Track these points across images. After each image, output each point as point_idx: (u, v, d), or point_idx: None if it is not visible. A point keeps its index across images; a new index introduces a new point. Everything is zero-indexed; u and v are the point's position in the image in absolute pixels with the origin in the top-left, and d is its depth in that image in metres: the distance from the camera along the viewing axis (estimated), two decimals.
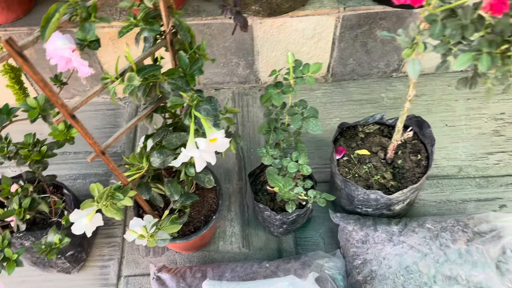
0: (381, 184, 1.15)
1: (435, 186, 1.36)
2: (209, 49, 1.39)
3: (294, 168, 1.06)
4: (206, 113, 0.83)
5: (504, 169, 1.38)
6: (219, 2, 1.30)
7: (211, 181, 1.00)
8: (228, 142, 0.82)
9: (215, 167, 1.42)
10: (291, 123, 1.07)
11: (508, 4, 0.49)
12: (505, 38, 0.54)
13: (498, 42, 0.55)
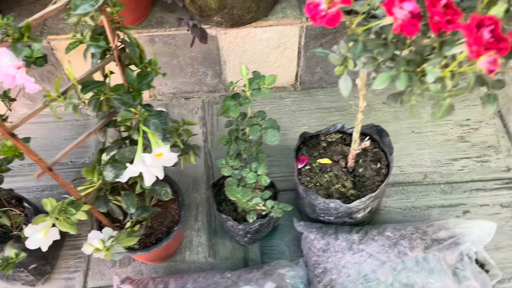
0: (342, 193, 1.16)
1: (401, 193, 1.38)
2: (175, 59, 1.40)
3: (253, 178, 1.07)
4: (155, 127, 0.84)
5: (468, 175, 1.40)
6: (183, 13, 1.31)
7: (168, 193, 1.00)
8: (175, 156, 0.83)
9: (183, 176, 1.43)
10: (250, 134, 1.08)
11: (418, 26, 0.50)
12: (424, 57, 0.56)
13: (417, 61, 0.56)
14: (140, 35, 1.30)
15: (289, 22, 1.31)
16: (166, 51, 1.37)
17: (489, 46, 0.45)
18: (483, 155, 1.44)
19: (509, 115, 1.51)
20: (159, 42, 1.33)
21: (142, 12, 1.26)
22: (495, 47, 0.45)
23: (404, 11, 0.50)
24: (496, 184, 1.38)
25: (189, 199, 1.38)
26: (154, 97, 1.56)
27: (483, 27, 0.46)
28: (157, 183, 1.01)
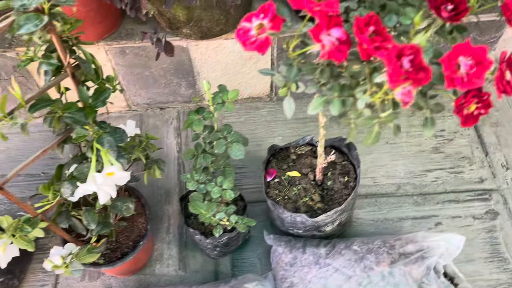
0: (309, 206, 1.15)
1: (373, 205, 1.37)
2: (147, 71, 1.40)
3: (218, 193, 1.06)
4: (109, 145, 0.83)
5: (441, 186, 1.39)
6: (154, 24, 1.30)
7: (130, 209, 1.00)
8: (127, 175, 0.82)
9: (156, 187, 1.42)
10: (215, 148, 1.08)
11: (346, 53, 0.50)
12: (359, 82, 0.55)
13: (352, 86, 0.55)
14: (110, 47, 1.29)
15: None
16: (137, 63, 1.36)
17: (409, 75, 0.45)
18: (457, 166, 1.44)
19: (484, 126, 1.51)
20: (130, 53, 1.32)
21: (111, 24, 1.25)
22: (413, 77, 0.44)
23: (331, 38, 0.50)
24: (468, 195, 1.37)
25: (161, 211, 1.38)
26: (129, 107, 1.55)
27: (403, 57, 0.45)
28: (119, 199, 1.00)
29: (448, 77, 0.51)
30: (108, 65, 1.36)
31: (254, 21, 0.53)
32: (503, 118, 1.52)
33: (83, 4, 1.10)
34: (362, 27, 0.50)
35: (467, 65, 0.50)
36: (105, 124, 0.85)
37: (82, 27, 1.19)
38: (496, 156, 1.44)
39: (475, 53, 0.50)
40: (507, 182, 1.39)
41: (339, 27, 0.50)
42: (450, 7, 0.52)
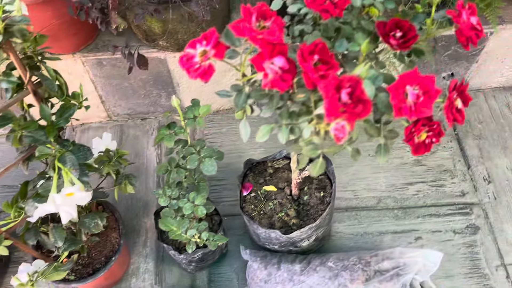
0: (284, 222, 1.14)
1: (354, 218, 1.36)
2: (126, 82, 1.39)
3: (189, 209, 1.05)
4: (71, 164, 0.82)
5: (422, 200, 1.38)
6: (131, 36, 1.29)
7: (98, 226, 0.98)
8: (88, 195, 0.81)
9: (135, 199, 1.40)
10: (188, 164, 1.07)
11: (289, 81, 0.49)
12: (309, 109, 0.54)
13: (302, 113, 0.54)
14: (87, 58, 1.28)
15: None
16: (116, 74, 1.35)
17: (347, 109, 0.43)
18: (439, 179, 1.42)
19: (467, 138, 1.49)
20: (107, 65, 1.31)
21: (87, 36, 1.24)
22: (351, 111, 0.43)
23: (274, 67, 0.49)
24: (449, 209, 1.36)
25: (139, 224, 1.36)
26: (109, 118, 1.54)
27: (342, 89, 0.44)
28: (88, 215, 0.99)
29: (396, 106, 0.49)
30: (86, 76, 1.35)
31: (198, 48, 0.51)
32: (486, 131, 1.51)
33: (56, 16, 1.09)
34: (306, 56, 0.48)
35: (414, 94, 0.49)
36: (68, 142, 0.84)
37: (56, 39, 1.18)
38: (478, 169, 1.43)
39: (423, 82, 0.49)
40: (488, 196, 1.37)
41: (282, 55, 0.49)
42: (399, 34, 0.51)
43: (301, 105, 0.54)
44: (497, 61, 1.47)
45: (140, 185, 1.42)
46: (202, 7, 0.92)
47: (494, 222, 1.32)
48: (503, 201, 1.36)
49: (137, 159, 1.48)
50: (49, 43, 1.22)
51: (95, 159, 1.03)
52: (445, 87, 1.57)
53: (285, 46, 0.50)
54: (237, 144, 1.52)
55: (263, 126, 0.54)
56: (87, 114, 1.51)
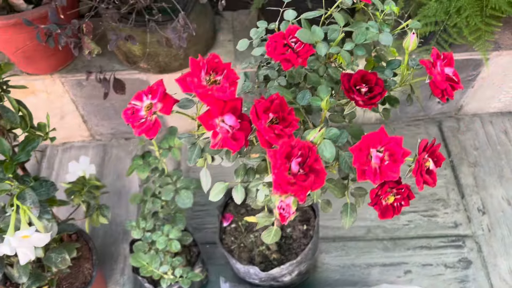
0: (265, 256, 1.09)
1: (341, 249, 1.30)
2: (107, 102, 1.34)
3: (163, 244, 1.00)
4: (32, 201, 0.77)
5: (413, 231, 1.33)
6: (111, 57, 1.25)
7: (65, 261, 0.93)
8: (47, 237, 0.76)
9: (114, 225, 1.36)
10: (163, 195, 1.02)
11: (242, 140, 0.44)
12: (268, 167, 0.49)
13: (261, 169, 0.49)
14: (66, 79, 1.24)
15: None
16: (96, 94, 1.31)
17: (297, 180, 0.38)
18: (431, 209, 1.37)
19: (462, 166, 1.44)
20: (87, 86, 1.27)
21: (65, 57, 1.20)
22: (300, 183, 0.38)
23: (224, 125, 0.44)
24: (441, 241, 1.30)
25: (117, 251, 1.31)
26: (92, 137, 1.50)
27: (293, 157, 0.39)
28: (54, 249, 0.94)
29: (359, 169, 0.44)
30: (66, 96, 1.31)
31: (144, 101, 0.47)
32: (482, 158, 1.45)
33: (31, 38, 1.05)
34: (260, 113, 0.44)
35: (379, 157, 0.44)
36: (29, 177, 0.79)
37: (32, 60, 1.14)
38: (473, 199, 1.37)
39: (389, 144, 0.44)
40: (482, 228, 1.32)
41: (234, 113, 0.44)
42: (364, 90, 0.46)
43: (261, 161, 0.49)
44: (494, 87, 1.41)
45: (120, 209, 1.38)
46: (178, 34, 0.87)
47: (487, 256, 1.27)
48: (498, 234, 1.31)
49: (119, 181, 1.44)
50: (24, 65, 1.19)
51: (65, 189, 0.99)
52: (439, 112, 1.51)
53: (238, 102, 0.45)
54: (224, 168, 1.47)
55: (217, 184, 0.49)
56: (70, 133, 1.47)
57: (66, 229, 0.95)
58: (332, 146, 0.44)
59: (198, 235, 1.33)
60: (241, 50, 0.59)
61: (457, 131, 1.52)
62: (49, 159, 1.49)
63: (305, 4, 0.98)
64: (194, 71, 0.44)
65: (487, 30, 0.85)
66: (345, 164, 0.46)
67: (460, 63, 1.31)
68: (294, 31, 0.49)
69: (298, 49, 0.48)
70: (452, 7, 0.82)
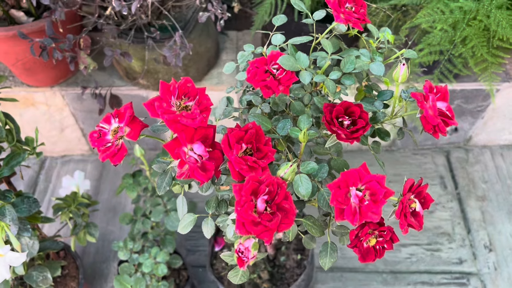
0: (256, 285, 1.04)
1: (338, 280, 1.25)
2: None
3: (149, 267, 0.97)
4: (11, 218, 0.75)
5: (415, 265, 1.27)
6: (113, 71, 1.24)
7: (47, 280, 0.90)
8: (22, 256, 0.73)
9: (106, 242, 1.33)
10: (152, 216, 0.99)
11: (211, 171, 0.41)
12: None
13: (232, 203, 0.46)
14: (66, 92, 1.23)
15: (225, 88, 1.23)
16: (96, 108, 1.29)
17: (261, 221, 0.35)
18: (435, 243, 1.31)
19: (469, 199, 1.38)
20: (88, 99, 1.26)
21: (67, 70, 1.19)
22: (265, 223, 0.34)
23: (193, 155, 0.41)
24: (444, 278, 1.24)
25: (108, 269, 1.28)
26: (91, 151, 1.48)
27: (259, 194, 0.36)
28: (37, 267, 0.91)
29: (337, 208, 0.41)
30: (66, 109, 1.30)
31: (112, 124, 0.44)
32: (490, 192, 1.39)
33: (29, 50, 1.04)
34: (232, 144, 0.41)
35: (358, 196, 0.40)
36: (11, 193, 0.77)
37: (32, 72, 1.14)
38: (479, 234, 1.31)
39: (370, 182, 0.40)
40: (488, 265, 1.25)
41: (204, 141, 0.41)
42: (347, 123, 0.43)
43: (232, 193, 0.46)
44: (505, 119, 1.36)
45: (114, 226, 1.35)
46: (174, 53, 0.85)
47: None
48: (504, 273, 1.24)
49: (115, 197, 1.41)
50: (25, 76, 1.18)
51: (53, 205, 0.96)
52: (447, 142, 1.47)
53: (209, 130, 0.42)
54: None
55: (186, 216, 0.46)
56: (70, 147, 1.46)
57: (50, 246, 0.92)
58: (309, 181, 0.41)
59: (191, 258, 1.29)
60: (227, 74, 0.56)
61: (465, 162, 1.47)
62: (48, 171, 1.47)
63: (307, 28, 0.95)
64: (164, 95, 0.41)
65: (494, 61, 0.82)
66: (324, 202, 0.43)
67: (469, 93, 1.26)
68: (276, 57, 0.46)
69: (280, 76, 0.45)
70: (457, 36, 0.79)
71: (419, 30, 0.85)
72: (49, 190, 1.44)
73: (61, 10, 0.89)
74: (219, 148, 0.42)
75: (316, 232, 0.45)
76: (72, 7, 0.93)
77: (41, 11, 1.04)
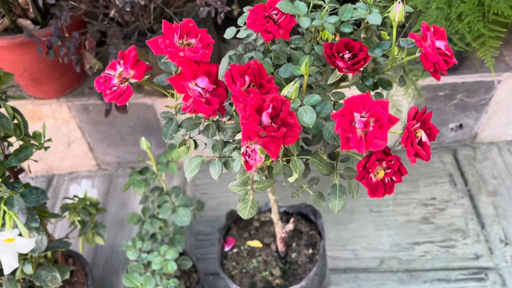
0: (267, 282, 1.02)
1: (352, 281, 1.22)
2: (113, 128, 1.34)
3: (158, 264, 0.95)
4: (19, 207, 0.75)
5: (430, 262, 1.24)
6: None
7: (56, 280, 0.89)
8: (31, 242, 0.73)
9: (115, 254, 1.31)
10: (160, 213, 0.98)
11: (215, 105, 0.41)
12: None
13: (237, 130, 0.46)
14: (72, 103, 1.25)
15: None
16: (103, 120, 1.31)
17: (267, 132, 0.35)
18: (449, 240, 1.28)
19: (480, 195, 1.36)
20: (94, 110, 1.28)
21: (72, 81, 1.21)
22: (271, 134, 0.34)
23: (197, 88, 0.42)
24: (461, 274, 1.21)
25: (118, 280, 1.26)
26: (98, 166, 1.49)
27: (264, 111, 0.36)
28: (45, 267, 0.90)
29: (342, 136, 0.41)
30: (73, 122, 1.32)
31: (117, 69, 0.45)
32: (501, 187, 1.37)
33: (37, 59, 1.07)
34: (236, 76, 0.41)
35: (362, 122, 0.40)
36: (19, 183, 0.77)
37: (38, 83, 1.16)
38: (494, 229, 1.29)
39: (373, 108, 0.40)
40: (505, 259, 1.22)
41: (208, 76, 0.42)
42: (348, 56, 0.43)
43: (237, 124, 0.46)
44: (509, 112, 1.36)
45: (123, 238, 1.34)
46: None
47: None
48: None
49: (123, 210, 1.41)
50: (32, 88, 1.21)
51: (61, 205, 0.96)
52: (453, 140, 1.46)
53: (212, 66, 0.43)
54: (230, 195, 1.43)
55: (193, 159, 0.46)
56: (77, 162, 1.47)
57: (59, 246, 0.92)
58: (313, 112, 0.41)
59: (201, 265, 1.27)
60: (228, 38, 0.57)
61: (473, 159, 1.45)
62: (55, 188, 1.48)
63: None
64: (167, 33, 0.42)
65: (491, 35, 0.83)
66: (329, 134, 0.43)
67: (471, 86, 1.27)
68: (275, 2, 0.47)
69: (279, 20, 0.46)
70: (453, 13, 0.80)
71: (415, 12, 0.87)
72: (57, 207, 1.43)
73: (66, 14, 0.92)
74: (222, 86, 0.43)
75: (323, 169, 0.45)
76: (77, 12, 0.96)
77: (47, 20, 1.07)
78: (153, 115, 1.31)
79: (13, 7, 1.03)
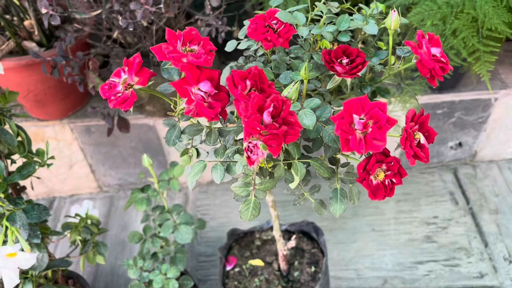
0: None
1: None
2: (115, 149, 1.35)
3: (160, 283, 0.94)
4: (21, 223, 0.75)
5: (434, 282, 1.22)
6: None
7: None
8: (33, 257, 0.73)
9: (116, 276, 1.30)
10: (162, 231, 0.98)
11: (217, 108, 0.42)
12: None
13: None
14: (75, 125, 1.27)
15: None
16: (105, 141, 1.32)
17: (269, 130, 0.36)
18: (452, 258, 1.27)
19: (482, 213, 1.36)
20: (96, 132, 1.29)
21: (76, 102, 1.23)
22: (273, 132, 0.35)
23: (200, 93, 0.43)
24: None
25: None
26: (100, 188, 1.49)
27: (265, 110, 0.37)
28: (44, 286, 0.89)
29: (342, 138, 0.42)
30: (75, 144, 1.33)
31: (122, 76, 0.46)
32: (503, 205, 1.37)
33: (42, 80, 1.09)
34: (237, 81, 0.42)
35: (361, 123, 0.41)
36: (22, 199, 0.78)
37: (42, 104, 1.18)
38: (497, 247, 1.28)
39: (372, 109, 0.41)
40: (510, 277, 1.21)
41: (210, 81, 0.43)
42: (345, 61, 0.45)
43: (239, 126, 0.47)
44: (507, 130, 1.38)
45: (123, 260, 1.32)
46: None
47: None
48: None
49: (124, 232, 1.40)
50: (35, 109, 1.22)
51: (62, 224, 0.96)
52: (453, 159, 1.47)
53: (215, 72, 0.44)
54: (231, 216, 1.43)
55: (196, 163, 0.46)
56: (78, 185, 1.47)
57: (60, 264, 0.91)
58: (313, 114, 0.42)
59: (203, 287, 1.25)
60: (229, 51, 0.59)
61: (474, 178, 1.46)
62: (56, 211, 1.47)
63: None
64: (171, 40, 0.44)
65: (486, 50, 0.85)
66: (329, 137, 0.44)
67: (469, 104, 1.29)
68: (274, 13, 0.49)
69: (279, 29, 0.48)
70: (447, 29, 0.82)
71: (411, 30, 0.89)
72: (57, 229, 1.43)
73: (71, 36, 0.95)
74: (224, 90, 0.44)
75: (324, 172, 0.46)
76: (82, 34, 0.99)
77: (52, 42, 1.10)
78: (155, 136, 1.32)
79: (18, 30, 1.06)
